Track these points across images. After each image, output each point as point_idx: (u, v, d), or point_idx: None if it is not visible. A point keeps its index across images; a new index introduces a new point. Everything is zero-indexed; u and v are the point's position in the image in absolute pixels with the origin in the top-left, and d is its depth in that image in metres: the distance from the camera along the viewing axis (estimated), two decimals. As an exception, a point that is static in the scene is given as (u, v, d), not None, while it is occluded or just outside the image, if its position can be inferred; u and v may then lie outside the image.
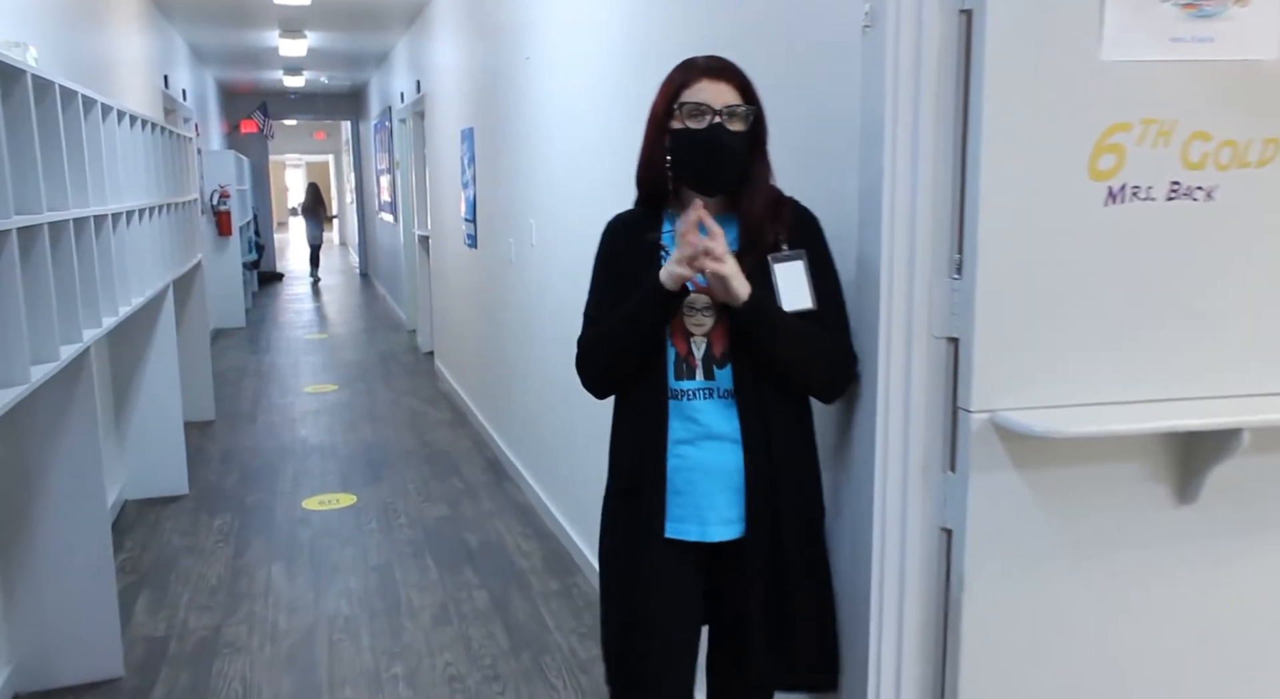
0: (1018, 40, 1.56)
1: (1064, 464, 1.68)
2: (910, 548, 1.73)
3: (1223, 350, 1.69)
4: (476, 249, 5.60)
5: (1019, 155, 1.58)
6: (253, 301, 11.69)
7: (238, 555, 3.88)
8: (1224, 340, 1.69)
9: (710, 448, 1.71)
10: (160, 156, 4.54)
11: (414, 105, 7.98)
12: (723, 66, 1.68)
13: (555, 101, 3.79)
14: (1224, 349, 1.69)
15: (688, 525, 1.73)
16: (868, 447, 1.73)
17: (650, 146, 1.73)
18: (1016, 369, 1.65)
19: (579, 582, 3.59)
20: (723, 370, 1.70)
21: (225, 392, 6.87)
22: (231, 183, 9.74)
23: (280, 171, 29.80)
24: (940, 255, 1.66)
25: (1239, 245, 1.67)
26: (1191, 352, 1.68)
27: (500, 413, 5.24)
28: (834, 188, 1.83)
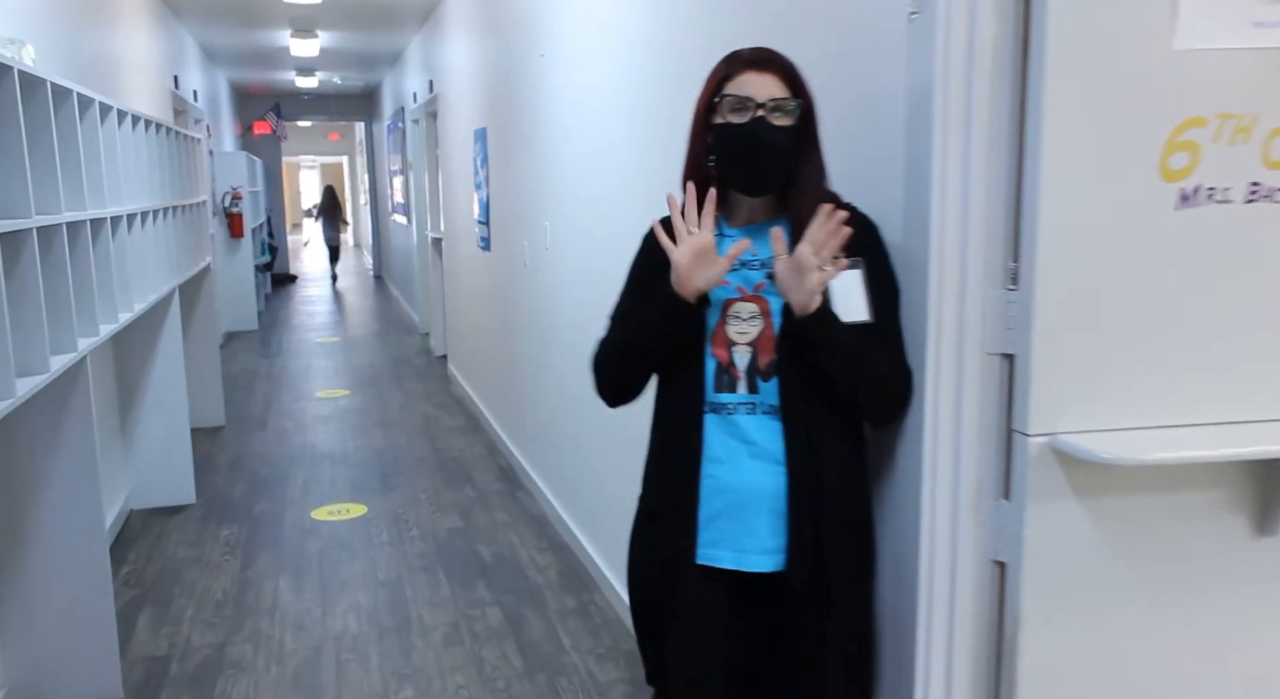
0: (1082, 28, 1.41)
1: (1130, 492, 1.54)
2: (960, 582, 1.59)
3: (1310, 368, 1.54)
4: (489, 252, 5.48)
5: (1082, 154, 1.44)
6: (265, 304, 11.62)
7: (244, 568, 3.76)
8: (1312, 357, 1.54)
9: (751, 468, 1.57)
10: (167, 158, 4.43)
11: (426, 105, 7.87)
12: (768, 57, 1.55)
13: (571, 100, 3.66)
14: (1311, 366, 1.54)
15: (722, 552, 1.59)
16: (914, 472, 1.59)
17: (694, 144, 1.61)
18: (1078, 388, 1.50)
19: (596, 599, 3.46)
20: (768, 384, 1.57)
21: (236, 396, 6.77)
22: (244, 184, 9.67)
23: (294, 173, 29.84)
24: (993, 264, 1.52)
25: (1326, 252, 1.52)
26: (1273, 369, 1.54)
27: (514, 419, 5.11)
28: (874, 189, 1.69)
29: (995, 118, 1.48)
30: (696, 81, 2.45)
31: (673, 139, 2.63)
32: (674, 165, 2.64)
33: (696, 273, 1.52)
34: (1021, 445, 1.52)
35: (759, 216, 1.61)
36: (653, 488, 1.67)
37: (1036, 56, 1.43)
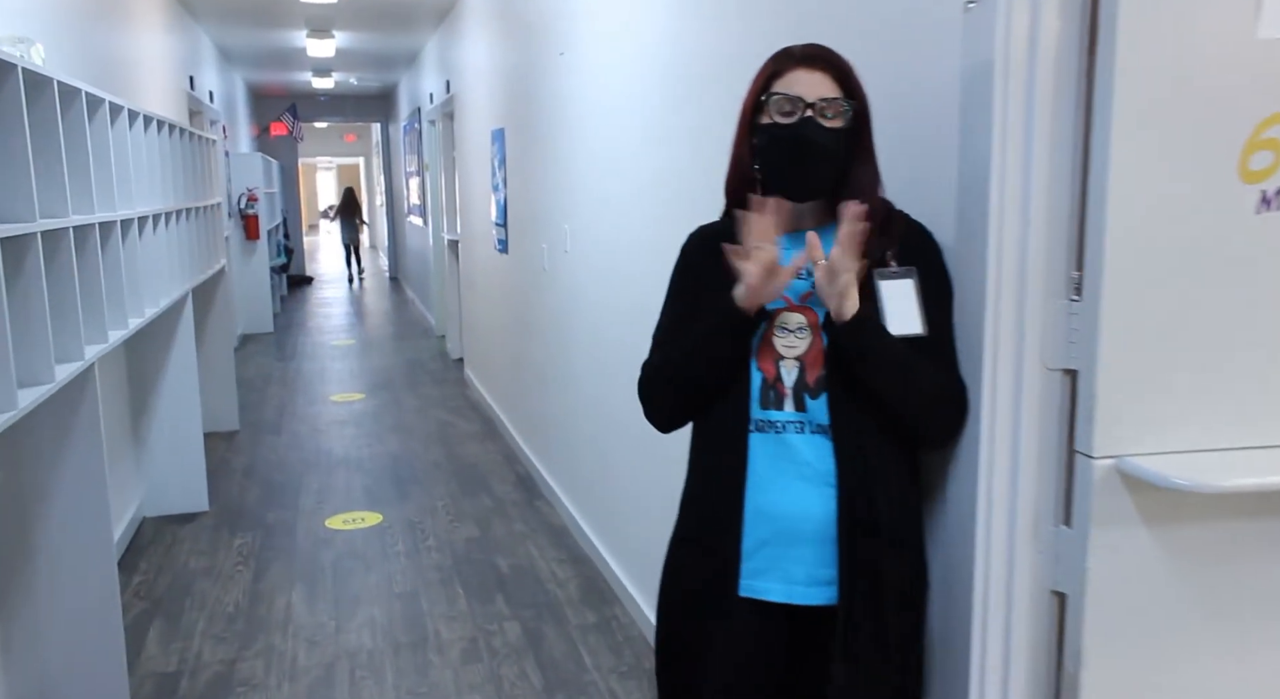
0: (1155, 16, 1.30)
1: (1203, 519, 1.42)
2: (1017, 615, 1.48)
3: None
4: (507, 254, 5.38)
5: (1154, 153, 1.33)
6: (281, 306, 11.58)
7: (257, 580, 3.68)
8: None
9: (800, 492, 1.46)
10: (180, 159, 4.36)
11: (443, 106, 7.80)
12: (820, 54, 1.44)
13: (592, 99, 3.56)
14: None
15: (770, 583, 1.48)
16: (968, 497, 1.48)
17: (738, 146, 1.50)
18: (1147, 407, 1.39)
19: (617, 613, 3.36)
20: (817, 401, 1.46)
21: (251, 399, 6.71)
22: (259, 186, 9.62)
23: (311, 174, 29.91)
24: (1056, 272, 1.41)
25: None
26: (1359, 387, 1.42)
27: (532, 426, 5.02)
28: (923, 189, 1.58)
29: (1059, 114, 1.37)
30: (727, 81, 2.35)
31: (700, 141, 2.52)
32: (700, 168, 2.55)
33: (767, 287, 1.41)
34: (1085, 468, 1.41)
35: (806, 224, 1.50)
36: (692, 512, 1.56)
37: (1105, 47, 1.32)
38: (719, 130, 2.38)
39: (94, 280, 2.61)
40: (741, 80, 1.53)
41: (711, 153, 2.44)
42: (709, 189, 2.46)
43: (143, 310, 3.24)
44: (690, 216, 2.60)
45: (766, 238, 1.40)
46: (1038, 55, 1.34)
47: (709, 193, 2.46)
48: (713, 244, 1.54)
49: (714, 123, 2.42)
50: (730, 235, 1.54)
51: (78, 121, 2.57)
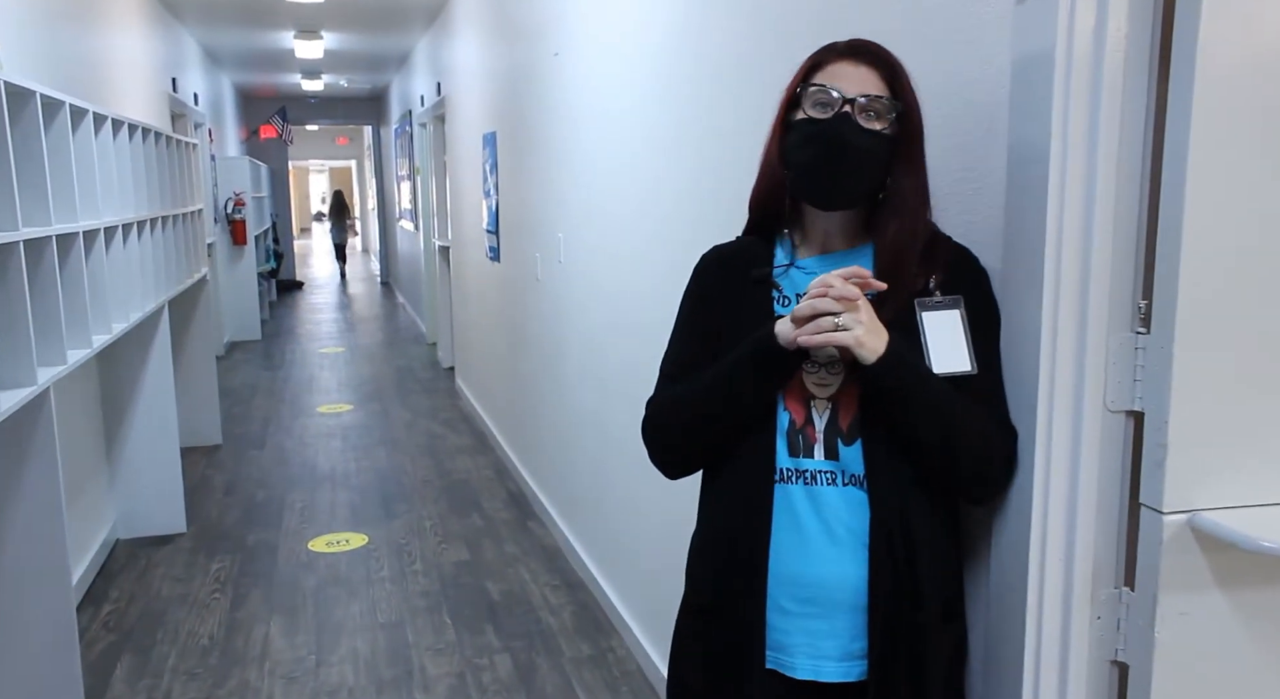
0: (1242, 8, 1.12)
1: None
2: (1072, 688, 1.30)
3: None
4: (499, 263, 5.20)
5: (1239, 163, 1.15)
6: (270, 312, 11.37)
7: (235, 608, 3.49)
8: None
9: (830, 554, 1.27)
10: (158, 165, 4.17)
11: (434, 108, 7.61)
12: (868, 48, 1.27)
13: (587, 103, 3.38)
14: None
15: (796, 658, 1.30)
16: (1018, 554, 1.30)
17: (771, 145, 1.32)
18: (1225, 454, 1.22)
19: (614, 645, 3.17)
20: (850, 448, 1.27)
21: (235, 411, 6.51)
22: (247, 190, 9.42)
23: (303, 177, 29.72)
24: (1120, 302, 1.24)
25: None
26: None
27: (525, 440, 4.83)
28: (965, 205, 1.41)
29: (1128, 117, 1.19)
30: (736, 83, 2.17)
31: (706, 147, 2.34)
32: (706, 177, 2.37)
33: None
34: (1152, 524, 1.23)
35: (836, 243, 1.32)
36: (707, 575, 1.36)
37: (1185, 42, 1.14)
38: (727, 136, 2.20)
39: (49, 298, 2.42)
40: (752, 82, 1.36)
41: (719, 161, 2.26)
42: (717, 202, 2.28)
43: (110, 326, 3.05)
44: (695, 230, 2.42)
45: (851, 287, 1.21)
46: (1105, 48, 1.17)
47: (715, 204, 2.28)
48: (731, 267, 1.36)
49: (722, 128, 2.24)
50: (749, 255, 1.37)
51: (31, 126, 2.39)
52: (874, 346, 1.19)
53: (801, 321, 1.20)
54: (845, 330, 1.18)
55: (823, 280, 1.19)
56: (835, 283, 1.18)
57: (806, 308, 1.19)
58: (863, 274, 1.20)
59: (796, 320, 1.20)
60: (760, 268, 1.33)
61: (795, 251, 1.34)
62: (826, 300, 1.18)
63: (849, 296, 1.18)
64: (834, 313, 1.18)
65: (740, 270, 1.34)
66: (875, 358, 1.19)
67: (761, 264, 1.33)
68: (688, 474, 1.40)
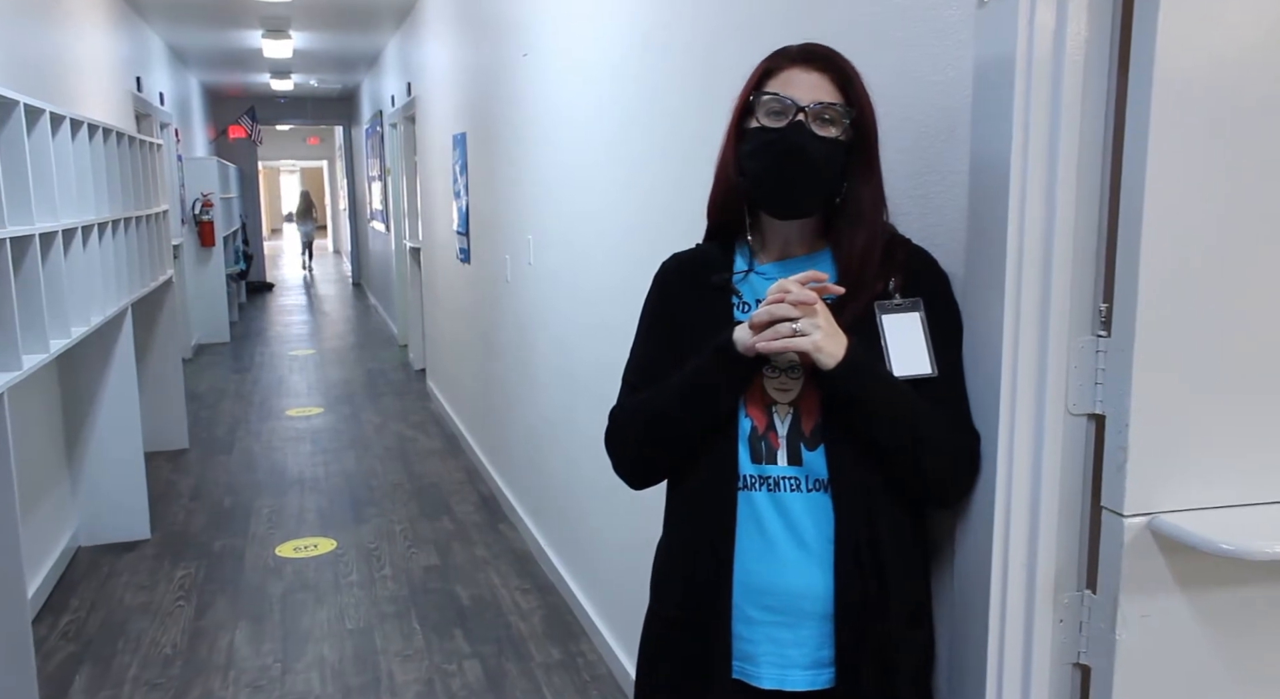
0: (1200, 13, 1.13)
1: (1251, 584, 1.25)
2: (1035, 690, 1.30)
3: None
4: (469, 265, 5.17)
5: (1196, 166, 1.16)
6: (239, 314, 11.24)
7: (199, 616, 3.43)
8: None
9: (796, 562, 1.26)
10: (120, 166, 4.10)
11: (404, 109, 7.55)
12: (820, 53, 1.26)
13: (557, 104, 3.36)
14: None
15: (762, 668, 1.29)
16: (981, 558, 1.30)
17: (725, 153, 1.31)
18: (1185, 457, 1.22)
19: (584, 649, 3.15)
20: (814, 453, 1.26)
21: (202, 415, 6.43)
22: (215, 191, 9.30)
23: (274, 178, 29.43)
24: (1081, 305, 1.24)
25: None
26: None
27: (496, 443, 4.80)
28: (925, 207, 1.40)
29: (1087, 121, 1.19)
30: (705, 84, 2.16)
31: (674, 148, 2.33)
32: (675, 180, 2.36)
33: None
34: (1114, 527, 1.23)
35: (795, 249, 1.32)
36: (672, 585, 1.35)
37: (1142, 44, 1.14)
38: (696, 139, 2.19)
39: (4, 302, 2.37)
40: (722, 84, 1.35)
41: (688, 164, 2.25)
42: (685, 203, 2.27)
43: (69, 330, 2.99)
44: (664, 233, 2.41)
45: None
46: (1065, 51, 1.16)
47: (684, 207, 2.27)
48: (690, 273, 1.35)
49: (690, 131, 2.23)
50: (709, 261, 1.36)
51: (-15, 126, 2.34)
52: (833, 351, 1.19)
53: (759, 327, 1.19)
54: (803, 335, 1.17)
55: (780, 286, 1.18)
56: (792, 288, 1.17)
57: (764, 314, 1.18)
58: (820, 277, 1.19)
59: (754, 326, 1.19)
60: (720, 273, 1.32)
61: (754, 258, 1.33)
62: (784, 306, 1.17)
63: (806, 301, 1.17)
64: (792, 318, 1.17)
65: (700, 277, 1.33)
66: (834, 363, 1.19)
67: (721, 270, 1.32)
68: (652, 484, 1.39)
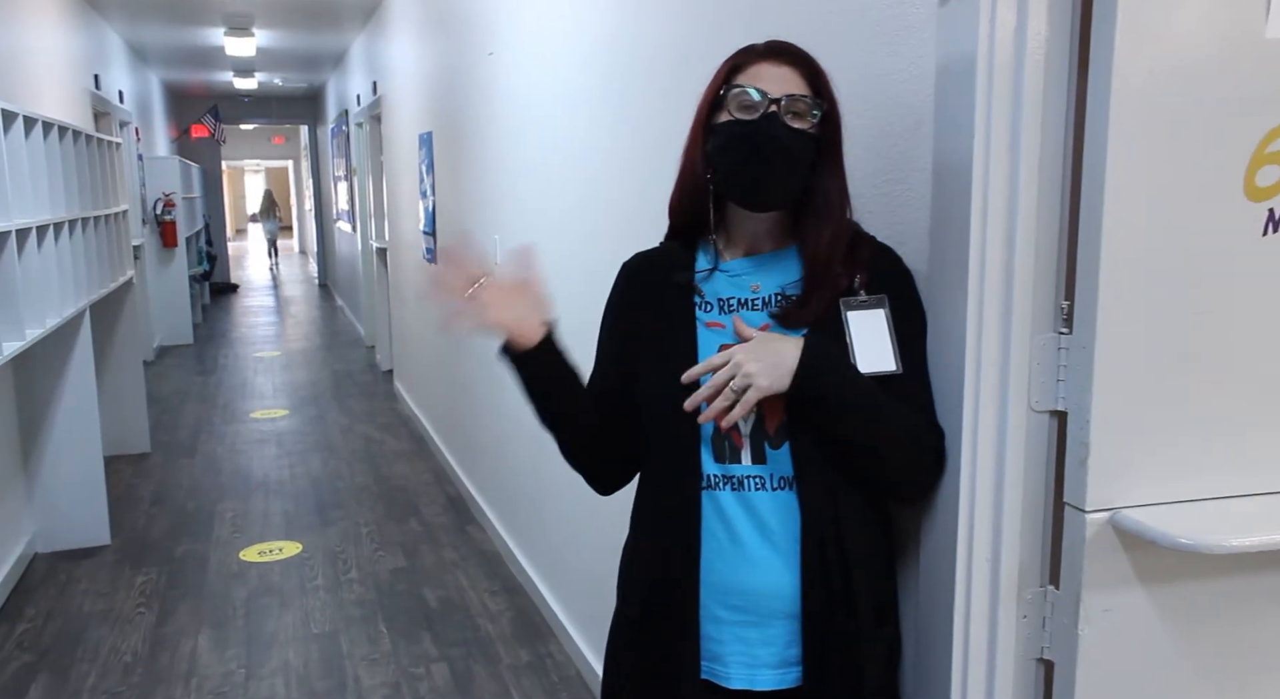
0: (1155, 13, 1.14)
1: (1208, 577, 1.27)
2: (999, 686, 1.31)
3: None
4: (436, 264, 5.12)
5: (1153, 167, 1.17)
6: (203, 316, 11.09)
7: (160, 623, 3.38)
8: None
9: (763, 561, 1.25)
10: (78, 165, 4.03)
11: (370, 108, 7.49)
12: (788, 49, 1.26)
13: (523, 103, 3.34)
14: None
15: (731, 668, 1.28)
16: (946, 554, 1.30)
17: (691, 148, 1.30)
18: (1145, 452, 1.23)
19: (553, 651, 3.14)
20: (779, 451, 1.25)
21: (164, 418, 6.32)
22: (177, 190, 9.17)
23: (238, 177, 29.08)
24: (1043, 303, 1.24)
25: None
26: (1372, 427, 1.28)
27: (463, 444, 4.77)
28: (890, 204, 1.41)
29: (1049, 120, 1.20)
30: (672, 84, 2.16)
31: (641, 148, 2.33)
32: (638, 178, 2.36)
33: (512, 311, 1.28)
34: (1076, 523, 1.24)
35: (763, 245, 1.31)
36: (638, 587, 1.34)
37: (1101, 46, 1.15)
38: (664, 139, 2.18)
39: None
40: (688, 83, 1.34)
41: (656, 162, 2.25)
42: (653, 202, 2.26)
43: (23, 333, 2.93)
44: (632, 231, 2.40)
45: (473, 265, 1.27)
46: (1025, 50, 1.17)
47: (652, 206, 2.26)
48: (652, 273, 1.34)
49: (658, 129, 2.22)
50: (670, 260, 1.35)
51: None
52: (780, 380, 1.19)
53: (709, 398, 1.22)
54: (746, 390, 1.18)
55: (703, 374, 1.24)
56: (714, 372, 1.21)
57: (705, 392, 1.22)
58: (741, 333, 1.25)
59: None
60: (682, 272, 1.31)
61: (720, 255, 1.33)
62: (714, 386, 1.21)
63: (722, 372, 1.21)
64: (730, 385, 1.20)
65: (662, 276, 1.33)
66: (789, 382, 1.19)
67: (684, 269, 1.32)
68: (616, 488, 1.39)
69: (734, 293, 1.30)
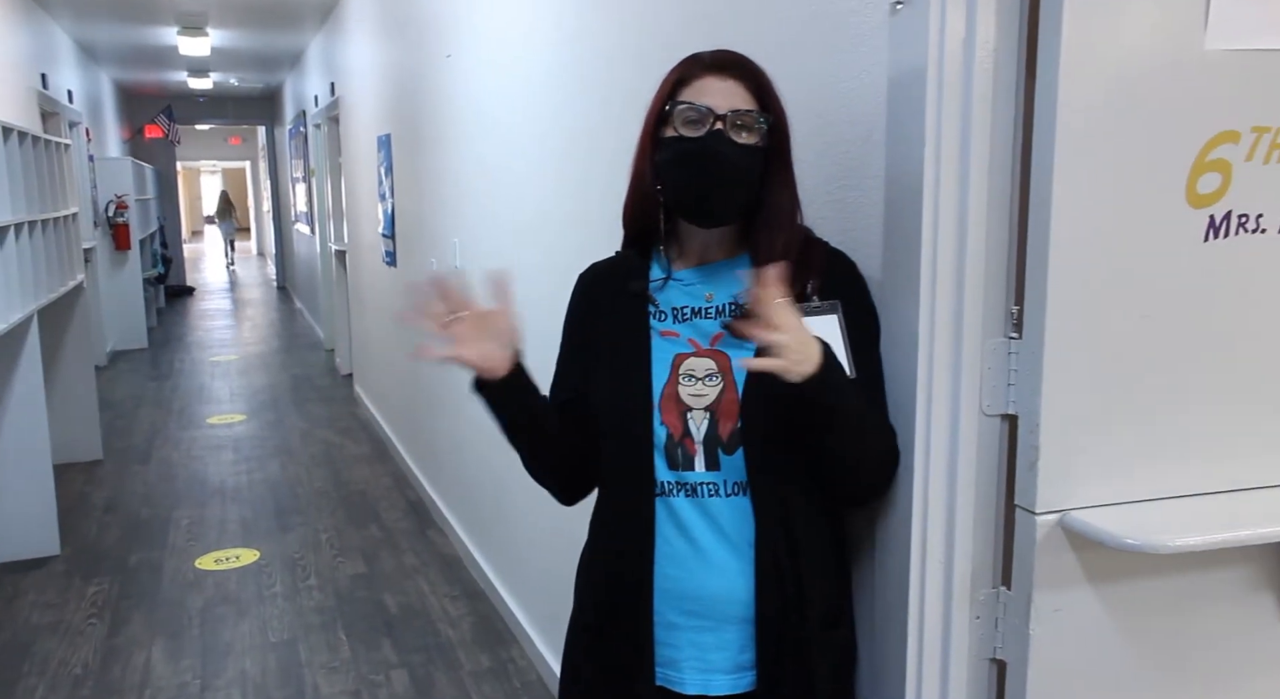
0: (1100, 24, 1.16)
1: (1151, 575, 1.29)
2: (953, 686, 1.32)
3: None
4: (396, 268, 5.09)
5: (1099, 175, 1.19)
6: (157, 319, 10.89)
7: (112, 634, 3.31)
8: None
9: (718, 566, 1.26)
10: (24, 167, 3.94)
11: (328, 109, 7.41)
12: (733, 61, 1.26)
13: (481, 106, 3.32)
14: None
15: (685, 673, 1.29)
16: (900, 557, 1.32)
17: (639, 162, 1.30)
18: (1093, 454, 1.25)
19: (514, 656, 3.12)
20: (732, 457, 1.25)
21: (117, 424, 6.20)
22: (131, 192, 9.00)
23: (194, 179, 28.64)
24: (994, 308, 1.26)
25: (1369, 290, 1.30)
26: (1311, 427, 1.31)
27: (424, 448, 4.73)
28: (843, 211, 1.42)
29: (997, 129, 1.22)
30: (629, 88, 2.16)
31: (599, 155, 2.32)
32: (599, 184, 2.35)
33: (481, 348, 1.28)
34: (1027, 525, 1.26)
35: (714, 254, 1.32)
36: (593, 594, 1.35)
37: (1047, 56, 1.17)
38: (621, 145, 2.18)
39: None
40: (646, 90, 1.34)
41: (614, 169, 2.24)
42: (612, 209, 2.26)
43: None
44: (592, 234, 2.40)
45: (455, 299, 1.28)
46: (974, 58, 1.19)
47: (612, 213, 2.26)
48: (607, 282, 1.34)
49: (615, 135, 2.22)
50: (626, 270, 1.35)
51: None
52: (805, 375, 1.13)
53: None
54: (775, 358, 1.12)
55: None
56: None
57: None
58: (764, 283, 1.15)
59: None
60: (636, 282, 1.31)
61: (672, 265, 1.33)
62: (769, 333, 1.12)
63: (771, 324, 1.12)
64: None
65: (617, 285, 1.33)
66: (804, 379, 1.13)
67: (639, 277, 1.32)
68: (578, 499, 1.39)
69: (688, 302, 1.30)
